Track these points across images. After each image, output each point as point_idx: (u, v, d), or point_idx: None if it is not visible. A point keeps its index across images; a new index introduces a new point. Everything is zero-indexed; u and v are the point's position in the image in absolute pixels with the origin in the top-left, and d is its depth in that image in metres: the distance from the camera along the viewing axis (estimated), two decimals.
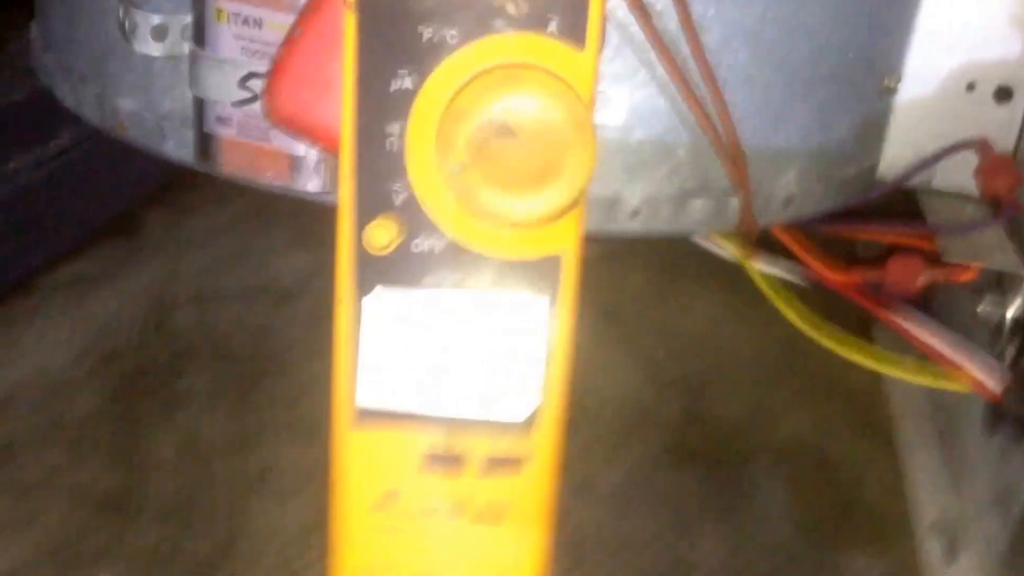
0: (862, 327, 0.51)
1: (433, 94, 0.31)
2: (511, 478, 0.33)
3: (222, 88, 0.37)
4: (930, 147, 0.51)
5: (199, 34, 0.37)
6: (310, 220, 0.58)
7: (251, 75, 0.36)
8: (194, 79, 0.38)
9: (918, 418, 0.51)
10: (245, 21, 0.36)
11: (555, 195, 0.31)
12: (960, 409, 0.49)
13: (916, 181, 0.51)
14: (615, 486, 0.44)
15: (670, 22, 0.37)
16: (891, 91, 0.49)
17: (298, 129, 0.33)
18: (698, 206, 0.43)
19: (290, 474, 0.42)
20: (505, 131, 0.31)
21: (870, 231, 0.53)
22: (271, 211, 0.60)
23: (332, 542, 0.34)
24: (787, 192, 0.45)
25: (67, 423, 0.44)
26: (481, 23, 0.31)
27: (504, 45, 0.31)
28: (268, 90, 0.33)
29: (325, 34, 0.32)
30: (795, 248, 0.47)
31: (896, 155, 0.51)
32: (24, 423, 0.44)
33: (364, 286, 0.32)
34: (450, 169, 0.31)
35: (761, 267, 0.49)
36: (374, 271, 0.32)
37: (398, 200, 0.31)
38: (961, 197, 0.50)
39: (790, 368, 0.54)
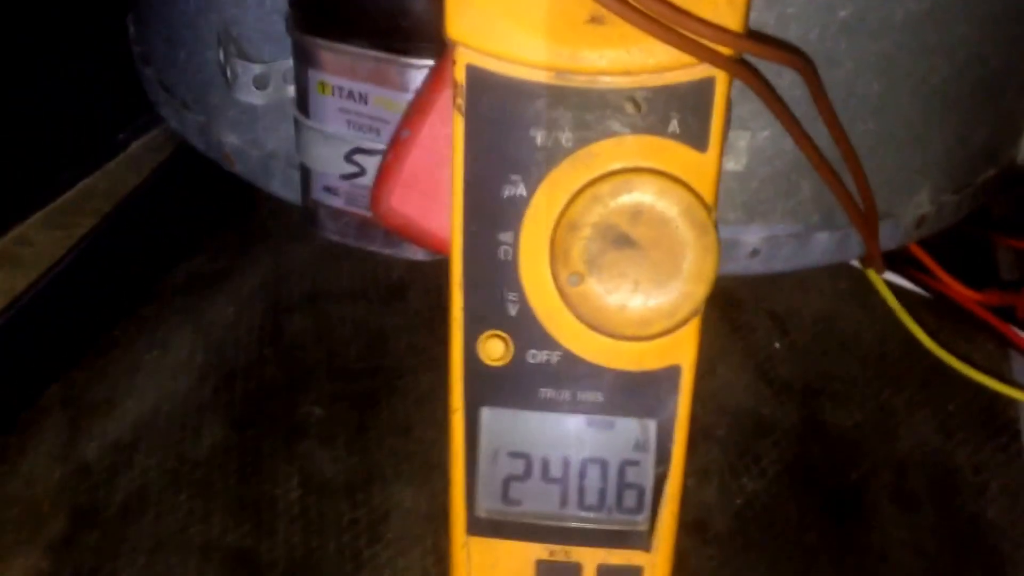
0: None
1: (546, 201, 0.29)
2: None
3: (328, 161, 0.35)
4: None
5: (303, 104, 0.36)
6: None
7: (358, 150, 0.35)
8: (300, 148, 0.36)
9: None
10: (350, 95, 0.34)
11: (675, 305, 0.30)
12: None
13: None
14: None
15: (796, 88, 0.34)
16: None
17: (407, 234, 0.31)
18: (822, 240, 0.40)
19: (409, 518, 0.42)
20: (623, 240, 0.29)
21: (1009, 239, 0.50)
22: None
23: None
24: (919, 212, 0.42)
25: (194, 460, 0.45)
26: (597, 125, 0.29)
27: (621, 148, 0.29)
28: (376, 194, 0.31)
29: (435, 137, 0.30)
30: (926, 260, 0.45)
31: None
32: (154, 464, 0.45)
33: (477, 396, 0.31)
34: (566, 280, 0.29)
35: (886, 276, 0.46)
36: (487, 381, 0.31)
37: (512, 310, 0.30)
38: None
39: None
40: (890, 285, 0.48)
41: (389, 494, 0.43)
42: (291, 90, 0.38)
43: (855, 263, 0.45)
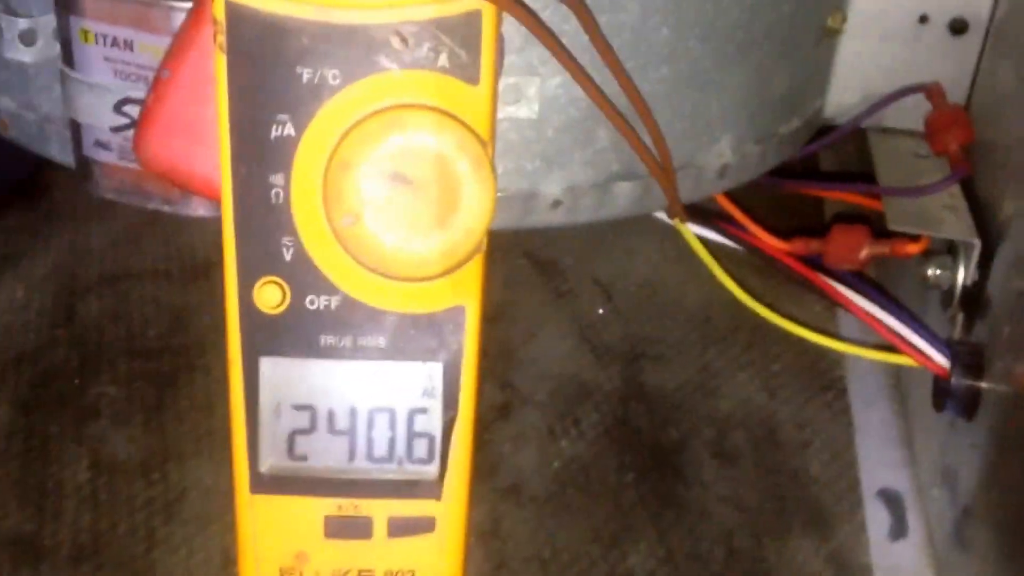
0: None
1: (316, 140, 0.30)
2: (419, 539, 0.33)
3: (96, 112, 0.35)
4: (881, 86, 0.50)
5: (68, 55, 0.36)
6: None
7: (127, 100, 0.35)
8: (67, 101, 0.36)
9: (872, 379, 0.52)
10: (114, 42, 0.34)
11: (454, 243, 0.31)
12: (914, 378, 0.49)
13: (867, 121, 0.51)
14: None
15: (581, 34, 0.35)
16: (835, 32, 0.48)
17: (174, 180, 0.32)
18: (624, 190, 0.42)
19: (209, 496, 0.43)
20: (397, 178, 0.30)
21: (821, 189, 0.52)
22: None
23: None
24: (721, 162, 0.44)
25: None
26: (364, 61, 0.30)
27: (391, 84, 0.30)
28: (137, 138, 0.32)
29: (196, 76, 0.31)
30: (733, 211, 0.47)
31: (844, 97, 0.51)
32: None
33: (256, 346, 0.32)
34: (340, 222, 0.30)
35: (695, 229, 0.48)
36: (265, 330, 0.32)
37: (287, 255, 0.31)
38: (914, 136, 0.50)
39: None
40: (708, 243, 0.50)
41: (187, 472, 0.43)
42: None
43: (662, 216, 0.47)
